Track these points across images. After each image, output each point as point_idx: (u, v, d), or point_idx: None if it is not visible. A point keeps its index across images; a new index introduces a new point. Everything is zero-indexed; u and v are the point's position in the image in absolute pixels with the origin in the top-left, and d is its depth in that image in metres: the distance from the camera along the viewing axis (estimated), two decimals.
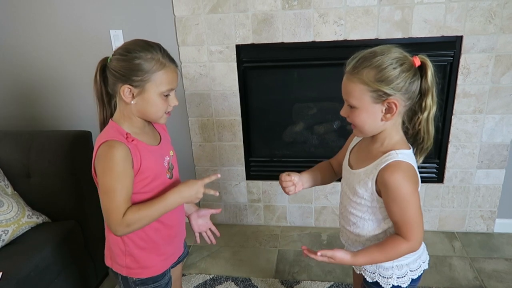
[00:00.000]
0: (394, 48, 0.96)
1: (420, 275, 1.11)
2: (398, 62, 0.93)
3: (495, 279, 1.83)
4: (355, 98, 0.96)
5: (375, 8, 1.83)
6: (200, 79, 2.08)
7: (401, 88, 0.93)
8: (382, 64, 0.93)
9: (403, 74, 0.93)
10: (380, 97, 0.94)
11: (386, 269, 1.08)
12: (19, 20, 2.10)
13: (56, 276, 1.56)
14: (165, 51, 1.05)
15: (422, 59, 0.96)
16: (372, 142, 1.05)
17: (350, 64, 0.97)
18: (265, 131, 2.24)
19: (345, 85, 0.98)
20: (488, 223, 2.15)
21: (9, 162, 1.71)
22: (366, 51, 0.96)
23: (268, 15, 1.91)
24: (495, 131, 1.96)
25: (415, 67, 0.95)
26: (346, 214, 1.12)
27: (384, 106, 0.95)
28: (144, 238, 1.12)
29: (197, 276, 1.93)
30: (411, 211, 0.97)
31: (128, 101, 1.03)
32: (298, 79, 2.13)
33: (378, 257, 1.01)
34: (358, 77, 0.94)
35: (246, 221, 2.37)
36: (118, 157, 1.00)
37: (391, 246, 1.00)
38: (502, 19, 1.77)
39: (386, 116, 0.96)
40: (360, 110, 0.97)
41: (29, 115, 2.30)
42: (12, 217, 1.56)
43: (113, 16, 2.03)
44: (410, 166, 0.98)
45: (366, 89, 0.94)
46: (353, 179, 1.06)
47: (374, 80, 0.93)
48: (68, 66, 2.16)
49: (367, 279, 1.12)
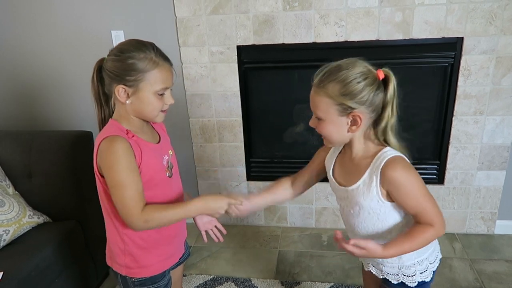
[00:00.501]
0: (359, 61, 0.98)
1: (438, 265, 1.12)
2: (362, 76, 0.95)
3: (496, 280, 1.83)
4: (321, 111, 1.00)
5: (376, 9, 1.83)
6: (201, 80, 2.08)
7: (365, 102, 0.96)
8: (346, 78, 0.95)
9: (367, 88, 0.95)
10: (345, 110, 0.97)
11: (408, 267, 1.08)
12: (20, 20, 2.11)
13: (56, 276, 1.57)
14: (158, 49, 1.05)
15: (385, 72, 0.98)
16: (352, 155, 1.06)
17: (317, 77, 1.00)
18: (266, 132, 2.24)
19: (312, 97, 1.02)
20: (489, 224, 2.15)
21: (10, 162, 1.72)
22: (333, 64, 0.99)
23: (269, 16, 1.91)
24: (495, 133, 1.96)
25: (379, 80, 0.97)
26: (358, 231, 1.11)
27: (349, 118, 0.98)
28: (144, 237, 1.13)
29: (198, 277, 1.93)
30: (425, 197, 0.99)
31: (123, 101, 1.04)
32: (298, 80, 2.13)
33: (408, 246, 1.00)
34: (324, 90, 0.97)
35: (246, 221, 2.37)
36: (122, 150, 1.01)
37: (419, 234, 0.99)
38: (503, 20, 1.77)
39: (351, 128, 0.99)
40: (327, 122, 1.00)
41: (30, 115, 2.31)
42: (13, 217, 1.57)
43: (114, 17, 2.03)
44: (402, 157, 1.00)
45: (331, 103, 0.97)
46: (354, 195, 1.05)
47: (339, 94, 0.95)
48: (69, 66, 2.16)
49: (392, 282, 1.11)
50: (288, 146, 2.27)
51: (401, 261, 1.08)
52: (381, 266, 1.13)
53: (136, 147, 1.04)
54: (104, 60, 1.06)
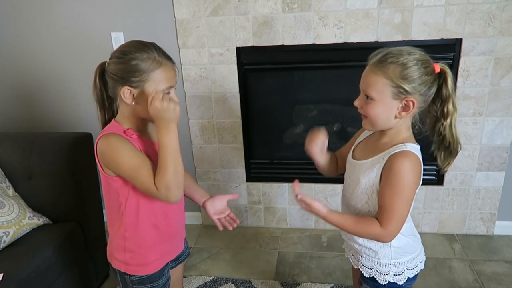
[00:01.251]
0: (419, 50, 0.99)
1: (417, 274, 1.12)
2: (423, 64, 0.96)
3: (495, 281, 1.83)
4: (375, 90, 0.98)
5: (375, 11, 1.84)
6: (200, 82, 2.09)
7: (421, 90, 0.96)
8: (408, 63, 0.95)
9: (425, 76, 0.96)
10: (400, 94, 0.96)
11: (384, 265, 1.09)
12: (21, 22, 2.11)
13: (57, 277, 1.57)
14: (160, 49, 1.06)
15: (442, 66, 0.99)
16: (380, 137, 1.06)
17: (375, 57, 0.99)
18: (266, 133, 2.24)
19: (367, 76, 1.00)
20: (488, 225, 2.15)
21: (11, 163, 1.72)
22: (393, 48, 0.99)
23: (269, 17, 1.92)
24: (495, 134, 1.97)
25: (435, 73, 0.98)
26: (349, 208, 1.13)
27: (402, 103, 0.98)
28: (143, 236, 1.13)
29: (197, 278, 1.93)
30: (400, 201, 0.98)
31: (129, 102, 1.04)
32: (298, 82, 2.14)
33: (349, 226, 1.04)
34: (384, 70, 0.96)
35: (246, 223, 2.37)
36: (117, 141, 1.02)
37: (365, 224, 1.02)
38: (501, 22, 1.78)
39: (401, 114, 0.99)
40: (377, 102, 0.99)
41: (30, 117, 2.31)
42: (13, 218, 1.57)
43: (114, 19, 2.04)
44: (418, 159, 1.00)
45: (388, 84, 0.96)
46: (358, 170, 1.08)
47: (399, 76, 0.95)
48: (69, 68, 2.17)
49: (364, 274, 1.13)
50: (288, 147, 2.27)
51: (377, 256, 1.09)
52: (358, 256, 1.15)
53: (137, 144, 1.05)
54: (105, 63, 1.07)
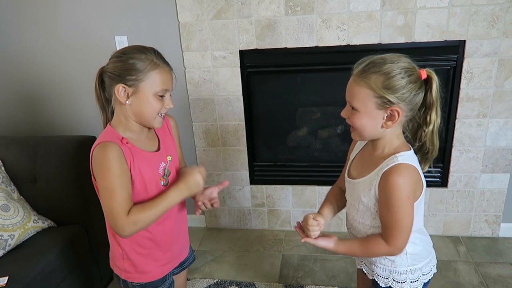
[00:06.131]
0: (404, 57, 0.96)
1: (430, 278, 1.11)
2: (407, 72, 0.94)
3: (500, 284, 1.82)
4: (359, 101, 0.97)
5: (378, 13, 1.84)
6: (204, 84, 2.09)
7: (406, 99, 0.94)
8: (391, 72, 0.93)
9: (410, 85, 0.94)
10: (384, 104, 0.94)
11: (400, 273, 1.08)
12: (25, 26, 2.13)
13: (61, 280, 1.57)
14: (159, 53, 1.07)
15: (428, 72, 0.97)
16: (373, 149, 1.05)
17: (358, 67, 0.98)
18: (269, 136, 2.24)
19: (351, 87, 0.98)
20: (493, 227, 2.14)
21: (16, 167, 1.73)
22: (376, 56, 0.97)
23: (272, 20, 1.92)
24: (499, 135, 1.96)
25: (421, 80, 0.96)
26: (356, 225, 1.11)
27: (387, 113, 0.96)
28: (140, 243, 1.13)
29: (201, 281, 1.93)
30: (400, 216, 0.97)
31: (123, 101, 1.04)
32: (301, 84, 2.14)
33: (357, 252, 1.07)
34: (366, 81, 0.94)
35: (250, 225, 2.37)
36: (113, 156, 1.01)
37: (371, 245, 1.03)
38: (505, 23, 1.77)
39: (386, 123, 0.97)
40: (362, 113, 0.97)
41: (35, 120, 2.33)
42: (18, 221, 1.58)
43: (118, 23, 2.05)
44: (411, 167, 0.97)
45: (371, 94, 0.94)
46: (357, 189, 1.06)
47: (381, 86, 0.93)
48: (74, 71, 2.18)
49: (380, 284, 1.11)
50: (291, 150, 2.27)
51: (393, 265, 1.08)
52: (372, 266, 1.12)
53: (128, 154, 1.04)
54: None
